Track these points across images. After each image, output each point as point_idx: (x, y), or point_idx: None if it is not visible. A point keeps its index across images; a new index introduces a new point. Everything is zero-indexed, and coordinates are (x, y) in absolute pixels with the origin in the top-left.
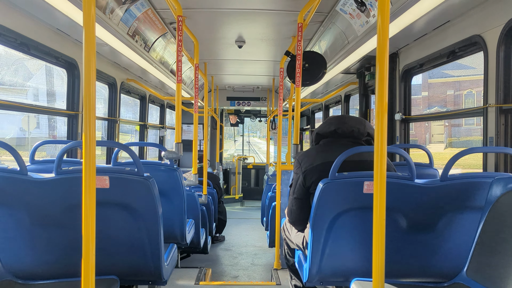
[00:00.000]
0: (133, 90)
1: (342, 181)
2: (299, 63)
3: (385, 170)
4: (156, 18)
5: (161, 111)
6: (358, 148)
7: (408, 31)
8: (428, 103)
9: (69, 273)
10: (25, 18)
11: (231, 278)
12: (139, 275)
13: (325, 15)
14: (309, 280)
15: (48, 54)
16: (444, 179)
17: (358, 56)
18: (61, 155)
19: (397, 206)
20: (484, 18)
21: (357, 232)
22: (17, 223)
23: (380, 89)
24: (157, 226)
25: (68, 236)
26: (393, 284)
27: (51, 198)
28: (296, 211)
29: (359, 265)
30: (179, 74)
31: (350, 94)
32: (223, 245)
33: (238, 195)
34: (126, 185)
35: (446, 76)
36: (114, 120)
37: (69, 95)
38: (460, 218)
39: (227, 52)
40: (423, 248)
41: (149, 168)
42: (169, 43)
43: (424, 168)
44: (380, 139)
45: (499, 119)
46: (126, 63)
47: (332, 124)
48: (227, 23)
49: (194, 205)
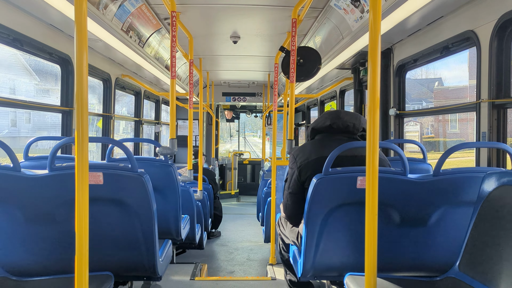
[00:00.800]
0: (128, 86)
1: (336, 176)
2: (293, 59)
3: (377, 165)
4: (150, 14)
5: (156, 107)
6: (352, 143)
7: (401, 27)
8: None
9: (63, 270)
10: (18, 14)
11: (226, 273)
12: (133, 271)
13: (319, 11)
14: (303, 275)
15: (42, 50)
16: (437, 174)
17: (352, 52)
18: (54, 151)
19: (390, 201)
20: (477, 14)
21: (351, 227)
22: (11, 220)
23: (372, 84)
24: (152, 222)
25: (62, 232)
26: (386, 278)
27: (45, 194)
28: (291, 205)
29: (352, 259)
30: (173, 70)
31: (345, 89)
32: (219, 240)
33: (234, 190)
34: (120, 181)
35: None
36: (109, 116)
37: (63, 91)
38: (452, 213)
39: (222, 48)
40: (415, 242)
41: (143, 164)
42: (163, 39)
43: (418, 163)
44: (372, 134)
45: (491, 114)
46: (120, 59)
47: (328, 119)
48: (221, 19)
49: (189, 201)
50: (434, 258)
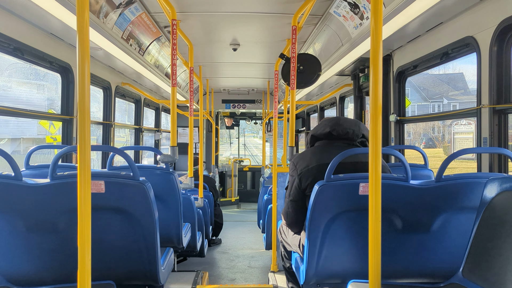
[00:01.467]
0: (128, 94)
1: (338, 183)
2: (293, 66)
3: (380, 172)
4: (151, 22)
5: (156, 115)
6: (353, 150)
7: (401, 33)
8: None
9: (65, 279)
10: (18, 23)
11: (228, 281)
12: (135, 279)
13: (319, 18)
14: (306, 282)
15: (42, 59)
16: (439, 180)
17: (352, 58)
18: (56, 160)
19: (392, 207)
20: (476, 20)
21: (354, 234)
22: (12, 229)
23: (374, 91)
24: (153, 230)
25: (63, 241)
26: (389, 285)
27: (46, 203)
28: (292, 213)
29: (355, 266)
30: (174, 78)
31: (344, 95)
32: (220, 248)
33: (234, 197)
34: (122, 189)
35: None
36: (109, 124)
37: (63, 100)
38: (455, 219)
39: (222, 55)
40: (419, 248)
41: (144, 172)
42: (163, 47)
43: (419, 169)
44: (374, 141)
45: (492, 120)
46: (120, 67)
47: (327, 126)
48: (221, 26)
49: (190, 209)
50: (438, 264)
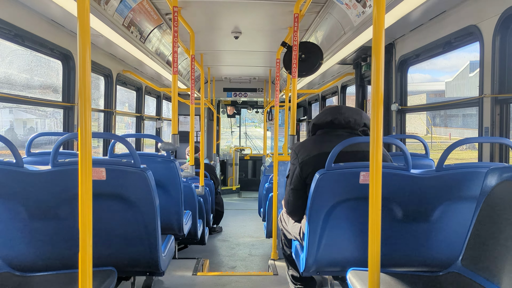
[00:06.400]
0: (129, 82)
1: (339, 171)
2: (295, 54)
3: (381, 161)
4: (152, 9)
5: (157, 103)
6: (354, 138)
7: (404, 22)
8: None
9: (67, 265)
10: (19, 9)
11: (228, 268)
12: (136, 266)
13: (321, 5)
14: (306, 270)
15: (43, 46)
16: (440, 169)
17: (354, 47)
18: (57, 147)
19: (392, 196)
20: (480, 8)
21: (353, 222)
22: (14, 216)
23: (376, 80)
24: (154, 218)
25: (65, 228)
26: (388, 273)
27: (48, 190)
28: (293, 201)
29: (355, 254)
30: (175, 65)
31: (346, 84)
32: (221, 236)
33: (235, 186)
34: (123, 176)
35: None
36: (110, 111)
37: (64, 87)
38: (455, 208)
39: (223, 43)
40: (418, 237)
41: (145, 160)
42: (165, 34)
43: (420, 158)
44: (375, 130)
45: (494, 109)
46: (121, 54)
47: (329, 115)
48: (223, 14)
49: (191, 196)
50: (437, 253)
